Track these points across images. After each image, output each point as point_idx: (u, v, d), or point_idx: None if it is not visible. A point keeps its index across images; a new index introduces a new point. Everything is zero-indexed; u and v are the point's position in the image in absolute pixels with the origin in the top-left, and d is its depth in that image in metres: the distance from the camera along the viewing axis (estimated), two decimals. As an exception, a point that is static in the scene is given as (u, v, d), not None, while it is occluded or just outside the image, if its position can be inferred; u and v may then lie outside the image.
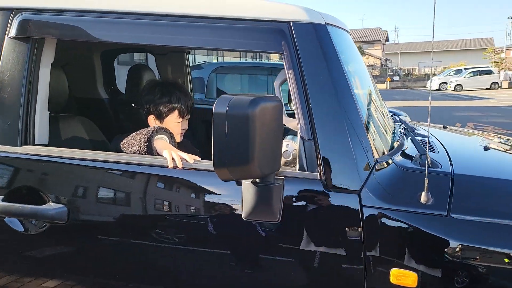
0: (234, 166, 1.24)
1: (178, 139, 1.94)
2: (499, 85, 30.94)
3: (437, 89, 33.03)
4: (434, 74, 41.74)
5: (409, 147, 1.73)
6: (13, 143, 1.57)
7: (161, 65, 3.28)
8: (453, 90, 31.36)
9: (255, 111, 1.21)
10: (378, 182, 1.41)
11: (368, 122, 1.54)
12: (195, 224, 1.48)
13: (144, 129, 1.74)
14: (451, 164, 1.59)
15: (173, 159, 1.49)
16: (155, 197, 1.49)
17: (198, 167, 1.50)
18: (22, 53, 1.60)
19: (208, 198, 1.47)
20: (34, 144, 1.62)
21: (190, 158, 1.50)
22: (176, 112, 1.92)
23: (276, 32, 1.49)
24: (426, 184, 1.36)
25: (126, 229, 1.50)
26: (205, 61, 8.13)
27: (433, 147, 1.84)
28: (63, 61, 2.12)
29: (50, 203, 1.51)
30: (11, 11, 1.63)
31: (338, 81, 1.46)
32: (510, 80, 32.74)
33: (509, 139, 2.58)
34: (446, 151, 1.79)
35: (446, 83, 33.17)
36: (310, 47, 1.47)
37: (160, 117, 1.92)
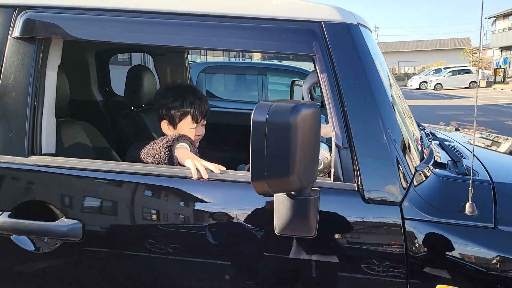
0: (274, 178, 1.14)
1: None
2: (477, 84, 31.52)
3: (417, 88, 33.46)
4: (414, 74, 42.31)
5: (440, 153, 1.66)
6: (19, 153, 1.44)
7: (159, 66, 3.15)
8: (433, 89, 31.81)
9: (297, 119, 1.11)
10: (419, 193, 1.33)
11: (404, 127, 1.46)
12: (224, 239, 1.37)
13: (164, 137, 1.62)
14: (487, 172, 1.51)
15: (197, 169, 1.38)
16: (180, 211, 1.38)
17: (224, 177, 1.39)
18: (28, 55, 1.46)
19: (237, 211, 1.36)
20: (41, 153, 1.49)
21: (216, 168, 1.40)
22: (189, 117, 1.80)
23: (306, 33, 1.39)
24: (470, 195, 1.29)
25: (147, 246, 1.38)
26: (193, 61, 7.99)
27: (461, 153, 1.77)
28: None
29: (63, 218, 1.38)
30: (14, 9, 1.49)
31: (374, 84, 1.37)
32: (487, 79, 33.41)
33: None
34: (476, 157, 1.72)
35: (426, 82, 33.63)
36: (344, 48, 1.38)
37: (173, 122, 1.80)
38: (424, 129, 2.20)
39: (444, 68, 34.19)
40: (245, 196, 1.36)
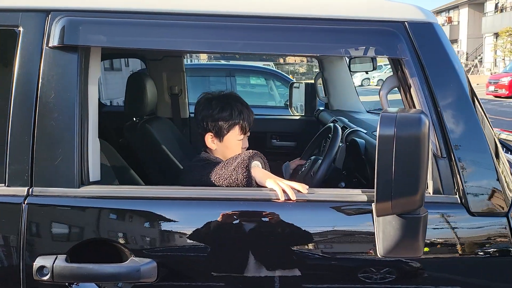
0: (401, 197, 1.02)
1: None
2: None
3: (360, 85, 34.50)
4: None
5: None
6: (68, 183, 1.21)
7: (154, 72, 2.92)
8: (376, 85, 32.90)
9: (426, 129, 1.00)
10: (523, 201, 1.26)
11: (493, 132, 1.38)
12: (322, 265, 1.22)
13: (236, 156, 1.44)
14: None
15: (283, 190, 1.23)
16: (268, 239, 1.21)
17: (314, 197, 1.25)
18: (70, 67, 1.24)
19: (333, 233, 1.22)
20: (89, 182, 1.27)
21: (303, 187, 1.25)
22: (237, 128, 1.63)
23: (389, 34, 1.27)
24: None
25: (233, 281, 1.21)
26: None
27: None
28: None
29: (132, 258, 1.17)
30: (47, 13, 1.26)
31: (466, 86, 1.28)
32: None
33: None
34: None
35: (369, 78, 34.72)
36: (433, 49, 1.28)
37: (220, 134, 1.62)
38: None
39: (384, 65, 35.44)
40: (337, 217, 1.23)
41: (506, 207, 1.22)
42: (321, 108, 3.09)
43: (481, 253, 1.22)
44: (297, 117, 3.22)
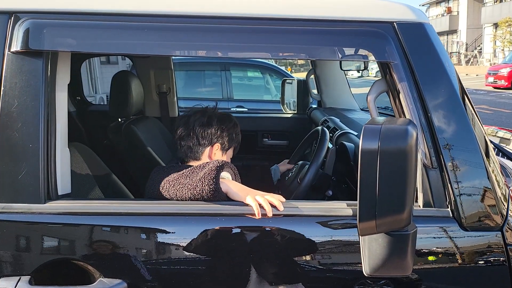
0: (386, 216, 0.95)
1: None
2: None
3: (359, 76, 34.37)
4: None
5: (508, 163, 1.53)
6: (33, 199, 1.13)
7: (141, 70, 2.83)
8: (374, 76, 32.78)
9: (413, 142, 0.92)
10: (518, 214, 1.19)
11: (487, 140, 1.30)
12: (307, 283, 1.15)
13: (201, 164, 1.31)
14: None
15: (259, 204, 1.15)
16: (246, 259, 1.14)
17: (293, 212, 1.17)
18: (34, 73, 1.16)
19: (316, 250, 1.15)
20: (57, 196, 1.19)
21: (279, 204, 1.16)
22: (236, 144, 1.65)
23: (377, 36, 1.19)
24: None
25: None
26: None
27: None
28: None
29: (101, 279, 1.10)
30: (9, 15, 1.17)
31: (459, 92, 1.20)
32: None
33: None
34: None
35: (367, 69, 34.61)
36: (424, 52, 1.19)
37: (228, 147, 1.56)
38: None
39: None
40: (321, 232, 1.15)
41: (500, 221, 1.15)
42: (313, 106, 3.01)
43: (475, 270, 1.15)
44: (289, 115, 3.14)
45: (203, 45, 1.22)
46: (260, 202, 1.16)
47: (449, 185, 1.15)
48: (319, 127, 1.74)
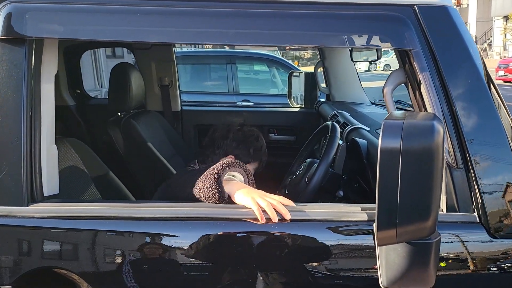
0: (408, 224, 0.83)
1: None
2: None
3: (366, 70, 33.97)
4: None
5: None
6: (15, 201, 1.03)
7: (142, 62, 2.72)
8: (382, 70, 32.39)
9: (440, 139, 0.80)
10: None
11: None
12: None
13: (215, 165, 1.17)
14: None
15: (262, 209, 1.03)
16: (250, 269, 1.03)
17: (301, 216, 1.05)
18: (16, 63, 1.05)
19: (323, 260, 1.04)
20: (43, 197, 1.09)
21: (286, 212, 1.03)
22: (257, 163, 1.63)
23: (395, 21, 1.07)
24: None
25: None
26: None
27: None
28: None
29: (89, 290, 1.00)
30: (-12, -1, 1.06)
31: (487, 83, 1.08)
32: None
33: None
34: None
35: (375, 63, 34.24)
36: (449, 39, 1.07)
37: (244, 162, 1.44)
38: None
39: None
40: (334, 239, 1.04)
41: (533, 227, 1.03)
42: (322, 100, 2.88)
43: (504, 281, 1.04)
44: (297, 110, 3.01)
45: (205, 32, 1.10)
46: (262, 206, 1.04)
47: (476, 187, 1.03)
48: (329, 122, 1.62)
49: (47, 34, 1.06)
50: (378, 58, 1.96)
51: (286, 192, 1.58)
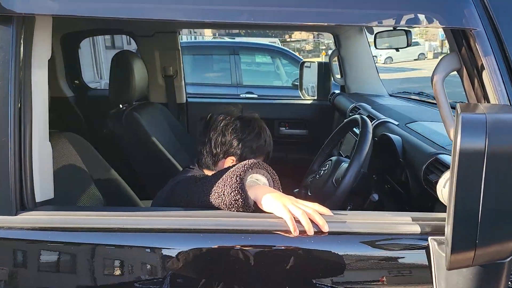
0: (491, 244, 0.67)
1: None
2: (425, 56, 32.28)
3: (383, 63, 33.67)
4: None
5: None
6: (1, 210, 0.86)
7: (145, 50, 2.55)
8: (383, 63, 32.16)
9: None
10: None
11: None
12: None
13: (231, 167, 1.00)
14: None
15: (296, 219, 0.87)
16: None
17: (341, 228, 0.89)
18: (1, 45, 0.88)
19: (365, 280, 0.88)
20: (35, 204, 0.92)
21: (323, 224, 0.87)
22: (263, 156, 1.35)
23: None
24: None
25: None
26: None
27: None
28: None
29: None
30: (-32, -32, 0.88)
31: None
32: (434, 50, 34.25)
33: None
34: None
35: (376, 56, 34.00)
36: (517, 17, 0.90)
37: (245, 158, 1.26)
38: None
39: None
40: (376, 254, 0.87)
41: None
42: (336, 92, 2.71)
43: None
44: (309, 102, 2.84)
45: (214, 9, 0.92)
46: (296, 216, 0.87)
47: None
48: (357, 116, 1.44)
49: (38, 10, 0.89)
50: (408, 44, 1.77)
51: (309, 194, 1.42)
